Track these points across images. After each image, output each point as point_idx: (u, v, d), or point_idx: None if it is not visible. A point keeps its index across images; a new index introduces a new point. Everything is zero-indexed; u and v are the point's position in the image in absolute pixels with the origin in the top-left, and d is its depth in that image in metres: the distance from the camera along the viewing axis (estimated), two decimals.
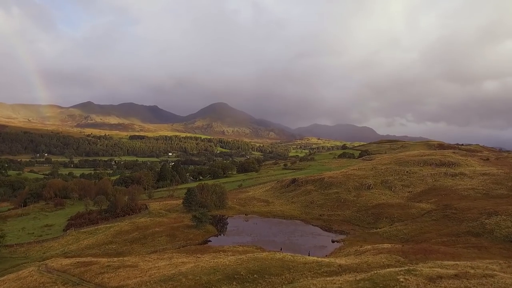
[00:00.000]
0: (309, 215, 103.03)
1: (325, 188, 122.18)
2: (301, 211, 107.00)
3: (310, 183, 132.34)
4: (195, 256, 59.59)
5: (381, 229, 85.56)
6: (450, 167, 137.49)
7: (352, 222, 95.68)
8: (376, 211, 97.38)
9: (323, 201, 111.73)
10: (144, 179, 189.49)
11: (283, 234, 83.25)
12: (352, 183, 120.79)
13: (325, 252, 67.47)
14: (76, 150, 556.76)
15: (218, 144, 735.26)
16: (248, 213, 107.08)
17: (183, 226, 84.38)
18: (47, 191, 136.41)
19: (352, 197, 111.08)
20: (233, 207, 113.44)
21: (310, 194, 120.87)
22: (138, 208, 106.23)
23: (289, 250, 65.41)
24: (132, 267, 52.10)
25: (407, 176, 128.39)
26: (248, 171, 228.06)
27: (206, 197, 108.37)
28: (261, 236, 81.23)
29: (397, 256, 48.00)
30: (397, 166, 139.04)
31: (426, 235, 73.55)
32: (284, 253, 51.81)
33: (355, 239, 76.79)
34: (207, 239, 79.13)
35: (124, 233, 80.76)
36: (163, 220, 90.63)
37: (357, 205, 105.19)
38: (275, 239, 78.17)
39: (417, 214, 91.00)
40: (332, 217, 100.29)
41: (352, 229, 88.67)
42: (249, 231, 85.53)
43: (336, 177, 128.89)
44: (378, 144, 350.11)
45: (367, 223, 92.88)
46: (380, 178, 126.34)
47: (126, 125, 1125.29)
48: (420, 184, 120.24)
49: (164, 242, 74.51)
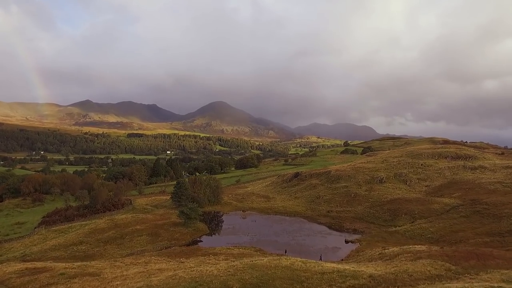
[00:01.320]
0: (316, 212, 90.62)
1: (332, 182, 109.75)
2: (306, 207, 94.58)
3: (315, 177, 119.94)
4: (177, 261, 47.21)
5: (401, 227, 73.25)
6: (467, 160, 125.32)
7: (365, 219, 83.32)
8: (392, 207, 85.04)
9: (331, 196, 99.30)
10: (136, 174, 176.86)
11: (287, 233, 70.91)
12: (362, 177, 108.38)
13: (340, 255, 55.16)
14: (73, 148, 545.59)
15: (217, 142, 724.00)
16: (246, 209, 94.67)
17: (169, 224, 71.99)
18: (25, 185, 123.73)
19: (363, 191, 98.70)
20: (229, 202, 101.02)
21: (315, 188, 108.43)
22: (121, 203, 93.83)
23: (295, 253, 53.06)
24: (92, 276, 39.69)
25: (422, 169, 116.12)
26: (247, 168, 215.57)
27: (198, 191, 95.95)
28: (261, 235, 68.93)
29: (444, 263, 35.60)
30: (410, 159, 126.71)
31: (460, 235, 61.20)
32: (292, 258, 39.38)
33: (373, 239, 64.47)
34: (196, 239, 66.73)
35: (99, 232, 68.29)
36: (147, 217, 78.24)
37: (369, 200, 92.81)
38: (277, 239, 65.87)
39: (441, 210, 78.76)
40: (341, 213, 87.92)
41: (367, 228, 76.33)
42: (247, 230, 73.20)
43: (344, 170, 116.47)
44: (380, 141, 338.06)
45: (383, 221, 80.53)
46: (392, 171, 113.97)
47: (125, 123, 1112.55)
48: (438, 178, 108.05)
49: (144, 242, 62.10)
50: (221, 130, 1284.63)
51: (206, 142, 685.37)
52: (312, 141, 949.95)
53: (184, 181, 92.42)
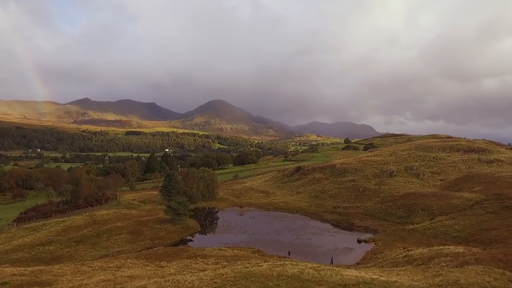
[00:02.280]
0: (321, 208, 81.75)
1: (338, 175, 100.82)
2: (309, 203, 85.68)
3: (318, 170, 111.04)
4: (156, 265, 38.31)
5: (419, 224, 64.41)
6: (481, 153, 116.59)
7: (377, 215, 74.49)
8: (406, 202, 76.18)
9: (337, 190, 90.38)
10: (129, 170, 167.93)
11: (290, 231, 62.01)
12: (370, 170, 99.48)
13: (354, 257, 46.31)
14: (70, 145, 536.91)
15: (216, 140, 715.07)
16: (243, 205, 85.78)
17: (155, 221, 63.07)
18: (6, 180, 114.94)
19: (372, 185, 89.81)
20: (225, 198, 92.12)
21: (319, 182, 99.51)
22: (105, 198, 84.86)
23: (300, 255, 44.21)
24: (42, 286, 30.80)
25: (434, 163, 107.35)
26: (246, 164, 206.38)
27: (191, 185, 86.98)
28: (260, 234, 60.07)
29: (503, 270, 26.70)
30: (420, 152, 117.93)
31: (493, 233, 52.31)
32: (299, 263, 30.48)
33: (390, 238, 55.59)
34: (185, 238, 57.78)
35: (74, 229, 59.32)
36: (131, 213, 69.38)
37: (380, 195, 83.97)
38: (279, 238, 56.97)
39: (463, 205, 69.97)
40: (349, 209, 79.08)
41: (380, 225, 67.46)
42: (244, 228, 64.32)
43: (350, 163, 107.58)
44: (382, 138, 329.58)
45: (398, 217, 71.68)
46: (403, 164, 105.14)
47: (124, 121, 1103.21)
48: (453, 171, 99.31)
49: (122, 242, 53.17)
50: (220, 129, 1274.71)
51: (205, 140, 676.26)
52: (312, 139, 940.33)
53: (175, 173, 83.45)
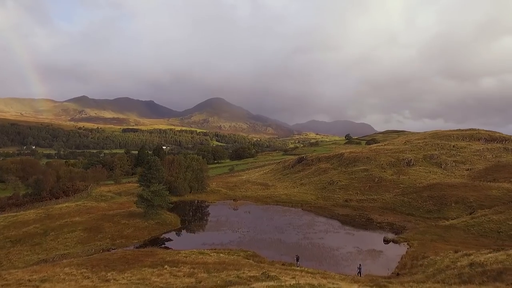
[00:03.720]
0: (330, 201, 68.76)
1: (347, 165, 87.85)
2: (316, 195, 72.67)
3: (324, 160, 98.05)
4: (100, 278, 25.29)
5: (456, 220, 51.39)
6: (504, 143, 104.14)
7: (399, 209, 61.51)
8: (434, 194, 63.20)
9: (347, 181, 77.36)
10: (118, 163, 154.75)
11: (294, 228, 48.95)
12: (385, 159, 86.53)
13: (387, 264, 33.26)
14: (65, 142, 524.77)
15: (214, 137, 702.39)
16: (238, 198, 72.71)
17: (123, 215, 49.95)
18: None
19: (389, 175, 76.90)
20: (217, 190, 79.17)
21: (326, 173, 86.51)
22: (74, 190, 71.75)
23: (313, 261, 31.27)
24: None
25: (456, 151, 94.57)
26: (243, 158, 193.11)
27: (177, 174, 73.88)
28: (256, 231, 47.01)
29: None
30: (437, 140, 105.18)
31: None
32: (318, 276, 17.26)
33: (425, 238, 42.56)
34: (158, 237, 44.57)
35: (19, 226, 46.15)
36: (99, 206, 56.34)
37: (399, 186, 71.02)
38: (281, 238, 43.85)
39: (506, 197, 57.22)
40: (364, 203, 66.11)
41: (406, 221, 54.51)
42: (237, 224, 51.18)
43: (360, 152, 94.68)
44: (384, 134, 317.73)
45: (426, 211, 58.69)
46: (421, 152, 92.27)
47: (121, 119, 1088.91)
48: (479, 161, 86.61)
49: (73, 241, 40.02)
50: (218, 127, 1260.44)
51: (203, 138, 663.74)
52: (311, 137, 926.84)
53: (156, 160, 70.30)
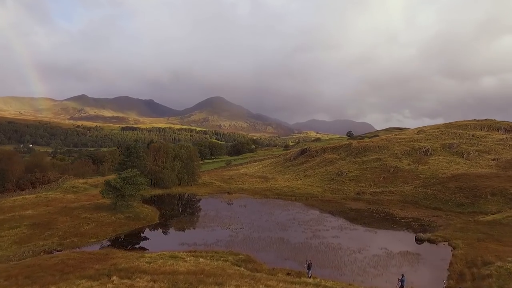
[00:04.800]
0: (339, 193, 59.24)
1: (356, 155, 78.33)
2: (323, 188, 63.11)
3: (330, 151, 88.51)
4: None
5: (499, 214, 41.93)
6: None
7: (422, 203, 51.97)
8: (462, 185, 53.64)
9: (358, 172, 67.80)
10: (109, 158, 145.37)
11: (300, 225, 39.39)
12: (399, 148, 77.05)
13: (435, 274, 23.69)
14: (63, 140, 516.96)
15: (214, 136, 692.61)
16: (233, 191, 63.13)
17: (89, 208, 40.44)
18: None
19: (406, 165, 67.37)
20: (209, 183, 69.72)
21: (333, 164, 76.96)
22: (44, 181, 62.35)
23: (331, 268, 21.82)
24: None
25: (476, 141, 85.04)
26: (242, 154, 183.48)
27: (163, 164, 64.31)
28: (252, 228, 37.40)
29: None
30: (454, 130, 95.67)
31: None
32: None
33: (470, 236, 33.04)
34: (127, 234, 34.85)
35: None
36: (64, 198, 46.95)
37: (420, 176, 61.47)
38: (283, 236, 34.28)
39: None
40: (379, 195, 56.59)
41: (434, 216, 45.01)
42: (228, 220, 41.52)
43: (370, 141, 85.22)
44: (386, 131, 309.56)
45: (456, 204, 49.16)
46: (438, 142, 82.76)
47: (121, 118, 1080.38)
48: (504, 150, 77.31)
49: (10, 240, 30.03)
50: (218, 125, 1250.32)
51: (202, 136, 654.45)
52: (311, 136, 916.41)
53: (137, 145, 60.74)
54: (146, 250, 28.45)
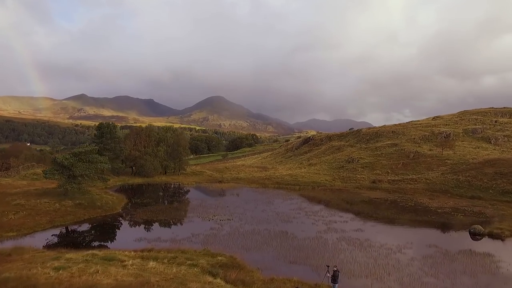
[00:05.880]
0: (351, 182, 49.94)
1: (367, 141, 69.05)
2: (331, 176, 53.77)
3: (336, 139, 79.23)
4: None
5: None
6: None
7: (455, 191, 42.66)
8: (503, 171, 44.30)
9: (372, 158, 58.45)
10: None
11: (308, 216, 30.07)
12: (416, 133, 67.75)
13: None
14: (61, 139, 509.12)
15: (214, 135, 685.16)
16: (226, 180, 53.78)
17: (32, 193, 31.20)
18: None
19: (427, 150, 58.04)
20: (200, 172, 60.59)
21: (341, 151, 67.64)
22: (4, 167, 53.13)
23: (365, 278, 12.03)
24: None
25: (501, 127, 75.69)
26: (240, 149, 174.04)
27: (144, 149, 54.96)
28: (243, 220, 27.89)
29: None
30: (472, 116, 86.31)
31: None
32: None
33: None
34: (70, 225, 25.55)
35: None
36: (13, 184, 37.85)
37: (446, 162, 52.14)
38: (286, 229, 24.86)
39: None
40: (400, 184, 47.27)
41: (474, 205, 35.67)
42: (213, 209, 31.99)
43: (382, 127, 75.92)
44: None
45: (500, 192, 39.86)
46: (459, 127, 73.48)
47: (120, 117, 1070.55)
48: None
49: None
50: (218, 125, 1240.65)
51: (202, 135, 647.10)
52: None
53: (111, 126, 51.54)
54: (82, 247, 19.17)
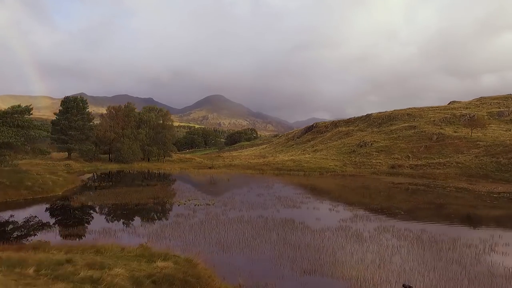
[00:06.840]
0: (365, 168, 41.97)
1: (380, 125, 61.08)
2: (342, 161, 45.75)
3: (343, 125, 71.22)
4: None
5: None
6: None
7: (496, 175, 34.70)
8: None
9: (388, 142, 50.40)
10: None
11: (322, 201, 21.93)
12: (433, 115, 59.77)
13: None
14: None
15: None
16: (218, 166, 45.75)
17: None
18: None
19: (451, 132, 50.02)
20: (188, 159, 52.69)
21: (349, 136, 59.65)
22: None
23: None
24: None
25: None
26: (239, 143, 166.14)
27: (122, 132, 46.96)
28: (230, 204, 19.62)
29: None
30: (493, 100, 78.29)
31: None
32: None
33: None
34: None
35: None
36: None
37: (478, 144, 44.10)
38: (292, 216, 16.84)
39: None
40: (425, 168, 39.30)
41: None
42: (191, 193, 23.63)
43: (395, 111, 67.86)
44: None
45: None
46: (482, 110, 65.50)
47: None
48: None
49: None
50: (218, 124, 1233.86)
51: None
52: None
53: (79, 99, 43.44)
54: None
